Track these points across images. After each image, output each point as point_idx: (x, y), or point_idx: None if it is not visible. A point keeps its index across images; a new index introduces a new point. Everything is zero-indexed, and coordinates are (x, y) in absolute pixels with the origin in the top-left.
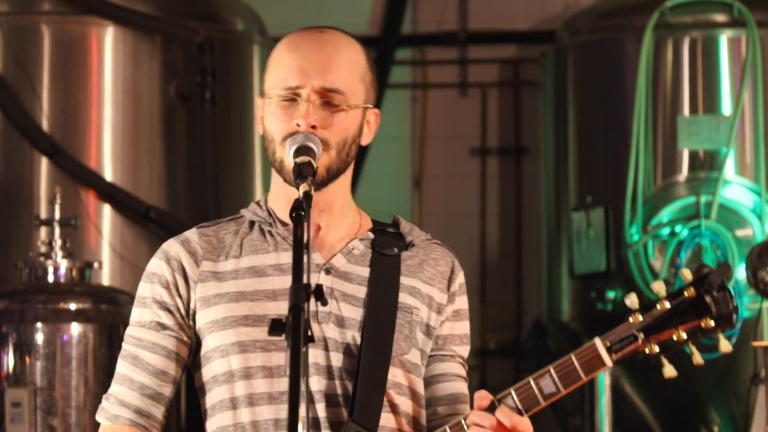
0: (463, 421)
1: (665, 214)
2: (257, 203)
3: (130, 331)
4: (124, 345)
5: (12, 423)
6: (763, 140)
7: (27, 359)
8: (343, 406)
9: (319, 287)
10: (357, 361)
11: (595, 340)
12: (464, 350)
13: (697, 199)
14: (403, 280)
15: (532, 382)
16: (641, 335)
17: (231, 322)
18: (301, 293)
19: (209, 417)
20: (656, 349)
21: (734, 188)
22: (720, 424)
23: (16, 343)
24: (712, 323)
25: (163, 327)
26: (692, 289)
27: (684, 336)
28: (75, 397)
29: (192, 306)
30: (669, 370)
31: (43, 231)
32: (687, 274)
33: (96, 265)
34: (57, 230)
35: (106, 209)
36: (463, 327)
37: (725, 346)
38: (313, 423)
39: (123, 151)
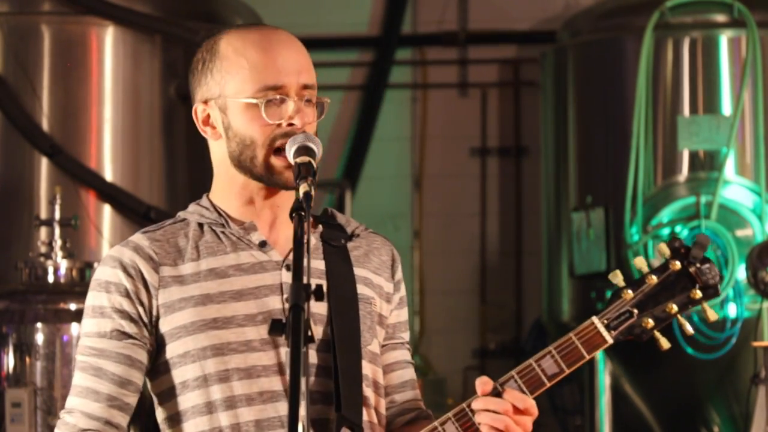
0: (467, 408)
1: (665, 215)
2: (198, 204)
3: (87, 343)
4: (81, 357)
5: (12, 423)
6: (763, 140)
7: (27, 359)
8: (323, 402)
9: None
10: (332, 356)
11: (593, 319)
12: (408, 335)
13: (697, 200)
14: (356, 270)
15: (534, 364)
16: (636, 310)
17: (200, 326)
18: (301, 293)
19: (178, 423)
20: (651, 323)
21: (734, 188)
22: (720, 424)
23: (16, 343)
24: (699, 294)
25: (125, 336)
26: (676, 262)
27: (675, 308)
28: None
29: (154, 312)
30: (664, 343)
31: (43, 231)
32: (665, 249)
33: (96, 265)
34: (57, 230)
35: (106, 209)
36: (406, 314)
37: (713, 314)
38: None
39: (123, 151)
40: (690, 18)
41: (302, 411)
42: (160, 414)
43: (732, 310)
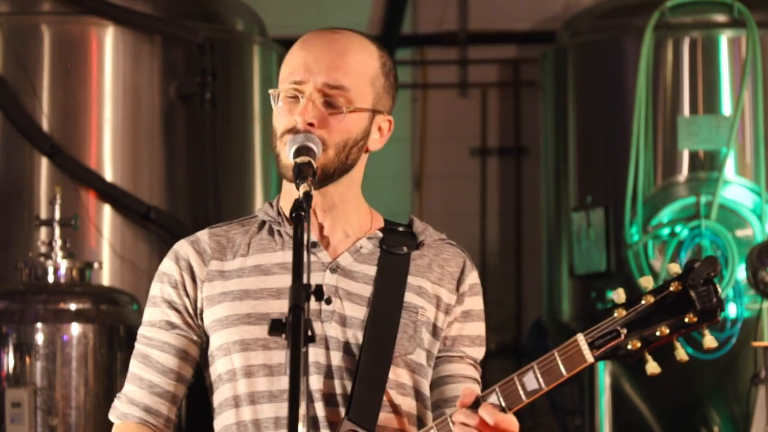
0: (449, 419)
1: (665, 215)
2: (270, 203)
3: (141, 331)
4: (136, 344)
5: (12, 423)
6: (763, 140)
7: (27, 359)
8: (341, 405)
9: (319, 287)
10: (357, 360)
11: (578, 336)
12: (476, 351)
13: (697, 199)
14: (411, 279)
15: (515, 379)
16: (624, 330)
17: (234, 321)
18: (301, 293)
19: (216, 415)
20: (639, 344)
21: (734, 188)
22: (720, 424)
23: (16, 343)
24: (695, 318)
25: (172, 326)
26: (678, 283)
27: (667, 331)
28: (75, 397)
29: (199, 305)
30: (652, 367)
31: (43, 231)
32: (674, 268)
33: (96, 265)
34: (57, 230)
35: (106, 209)
36: (475, 328)
37: (710, 341)
38: (312, 422)
39: (123, 151)
40: (690, 18)
41: (302, 410)
42: (211, 406)
43: (732, 310)
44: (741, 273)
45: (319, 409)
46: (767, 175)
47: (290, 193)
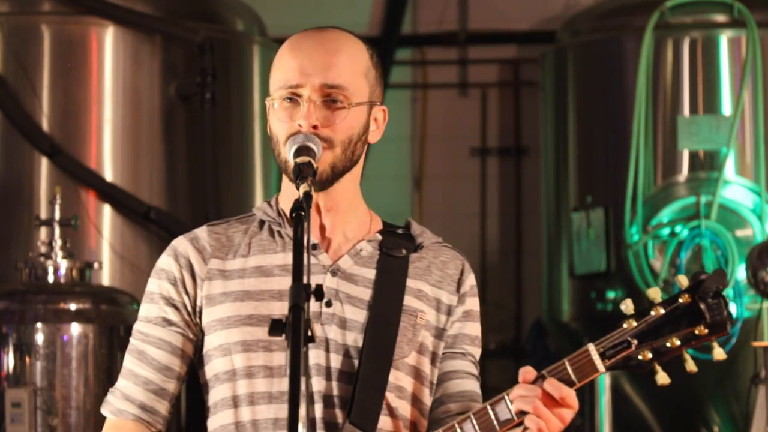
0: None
1: (665, 215)
2: (268, 203)
3: (137, 326)
4: (131, 339)
5: (12, 423)
6: (763, 140)
7: (27, 359)
8: (340, 407)
9: (319, 287)
10: (357, 363)
11: (589, 346)
12: (475, 351)
13: (697, 200)
14: (410, 282)
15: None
16: (635, 341)
17: (235, 321)
18: (301, 293)
19: (211, 414)
20: (649, 355)
21: (734, 188)
22: (720, 424)
23: (16, 343)
24: (706, 331)
25: (169, 323)
26: (687, 295)
27: (678, 342)
28: (75, 397)
29: (198, 303)
30: (662, 377)
31: (43, 231)
32: (683, 281)
33: (96, 265)
34: (57, 230)
35: (106, 209)
36: (474, 328)
37: (719, 353)
38: (311, 423)
39: (123, 151)
40: (690, 18)
41: (302, 411)
42: (205, 404)
43: (732, 310)
44: (741, 273)
45: (318, 411)
46: (767, 175)
47: (291, 193)
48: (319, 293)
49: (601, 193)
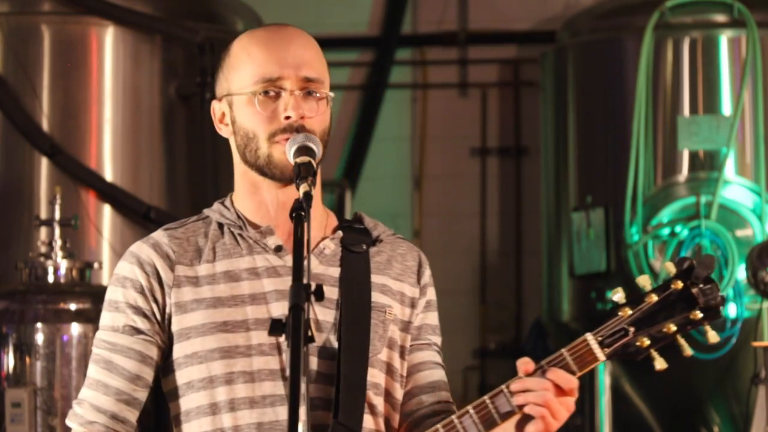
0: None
1: (665, 215)
2: (222, 204)
3: (102, 336)
4: (95, 350)
5: (12, 423)
6: (763, 140)
7: (27, 359)
8: (324, 409)
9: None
10: (336, 364)
11: (587, 336)
12: (438, 339)
13: (697, 199)
14: (374, 278)
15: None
16: (632, 329)
17: (210, 329)
18: (302, 293)
19: (183, 422)
20: (647, 342)
21: (734, 188)
22: (720, 424)
23: (16, 343)
24: (700, 315)
25: (137, 331)
26: (679, 281)
27: (673, 328)
28: (75, 397)
29: (167, 311)
30: (660, 363)
31: (43, 231)
32: (671, 267)
33: (96, 265)
34: (57, 230)
35: (106, 209)
36: (434, 317)
37: (713, 336)
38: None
39: (123, 151)
40: (690, 18)
41: (302, 414)
42: (170, 412)
43: (732, 310)
44: (741, 273)
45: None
46: (767, 175)
47: (252, 194)
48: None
49: (601, 193)
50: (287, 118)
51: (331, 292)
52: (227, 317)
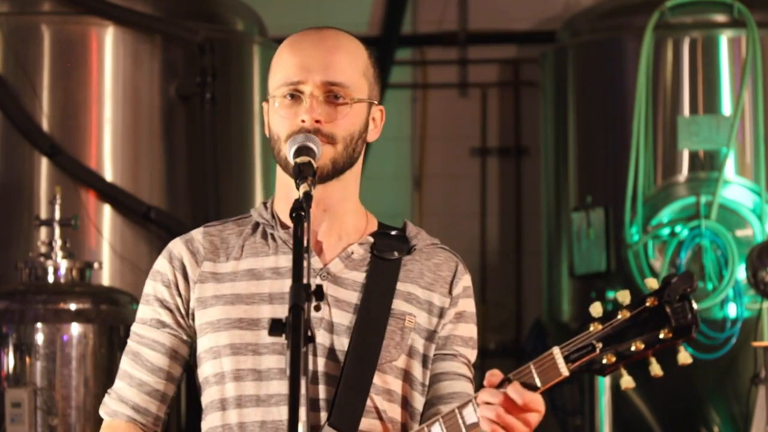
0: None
1: (665, 215)
2: (265, 204)
3: (134, 328)
4: (128, 341)
5: (12, 423)
6: (763, 140)
7: (27, 359)
8: (325, 410)
9: (319, 287)
10: (341, 366)
11: (554, 349)
12: (469, 353)
13: (697, 200)
14: (400, 286)
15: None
16: (599, 345)
17: (225, 325)
18: (302, 293)
19: (204, 416)
20: (614, 359)
21: (734, 188)
22: (720, 424)
23: (16, 343)
24: (670, 334)
25: (163, 325)
26: (654, 298)
27: (642, 346)
28: (75, 397)
29: (191, 305)
30: (626, 381)
31: (43, 231)
32: (651, 283)
33: (96, 265)
34: (57, 230)
35: (106, 209)
36: (467, 329)
37: (684, 357)
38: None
39: (123, 151)
40: (690, 18)
41: (302, 415)
42: (202, 405)
43: (732, 310)
44: (741, 273)
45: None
46: (767, 175)
47: (286, 195)
48: (319, 293)
49: (601, 193)
50: (303, 121)
51: (352, 297)
52: (243, 314)
